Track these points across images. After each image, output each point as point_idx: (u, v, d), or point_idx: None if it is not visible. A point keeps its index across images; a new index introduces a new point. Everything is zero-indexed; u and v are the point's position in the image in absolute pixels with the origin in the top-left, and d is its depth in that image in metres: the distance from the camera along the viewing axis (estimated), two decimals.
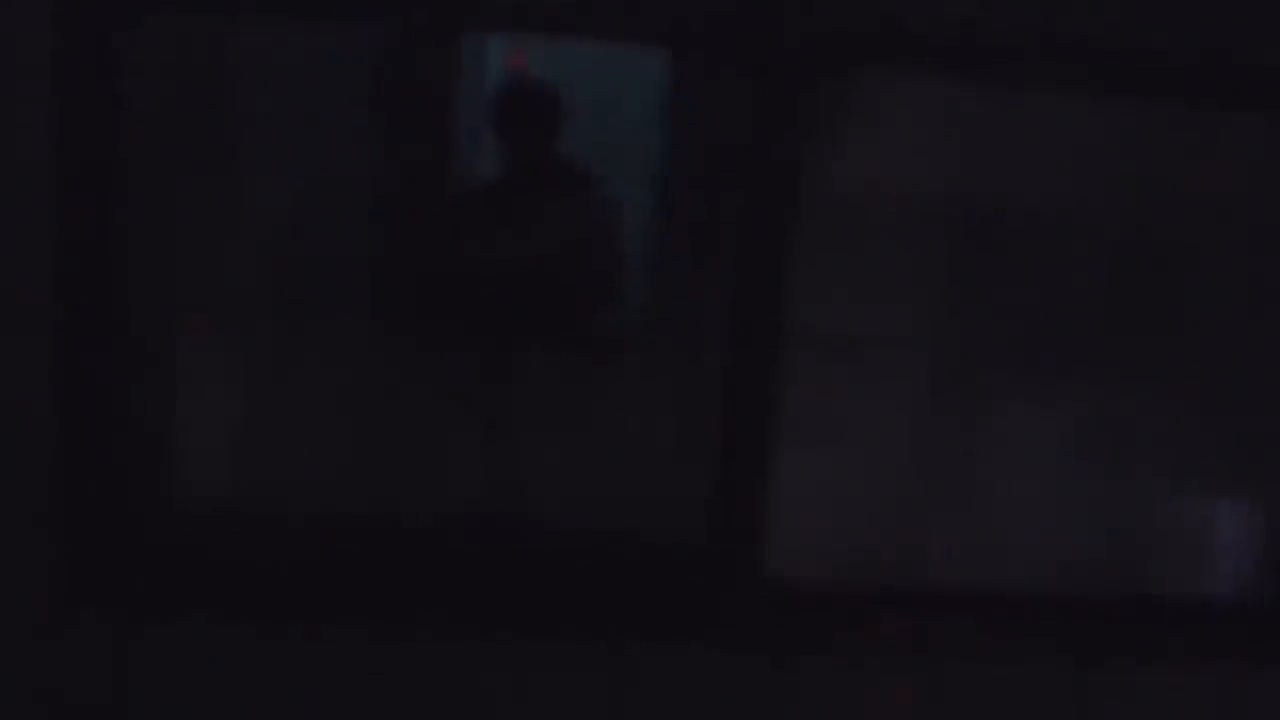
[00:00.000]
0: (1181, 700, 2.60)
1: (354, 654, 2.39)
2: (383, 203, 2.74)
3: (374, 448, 2.62)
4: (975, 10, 2.28)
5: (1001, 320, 2.67)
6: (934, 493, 2.70)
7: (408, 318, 2.78)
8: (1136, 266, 2.69)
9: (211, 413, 2.53)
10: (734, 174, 2.36)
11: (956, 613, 2.60)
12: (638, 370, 2.75)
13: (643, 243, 3.08)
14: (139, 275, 2.29)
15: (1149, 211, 2.68)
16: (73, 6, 2.13)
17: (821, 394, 2.56)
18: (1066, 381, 2.72)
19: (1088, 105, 2.51)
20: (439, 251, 2.89)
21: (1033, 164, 2.62)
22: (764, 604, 2.49)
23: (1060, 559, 2.71)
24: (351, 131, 2.68)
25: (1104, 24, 2.30)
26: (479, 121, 3.32)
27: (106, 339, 2.27)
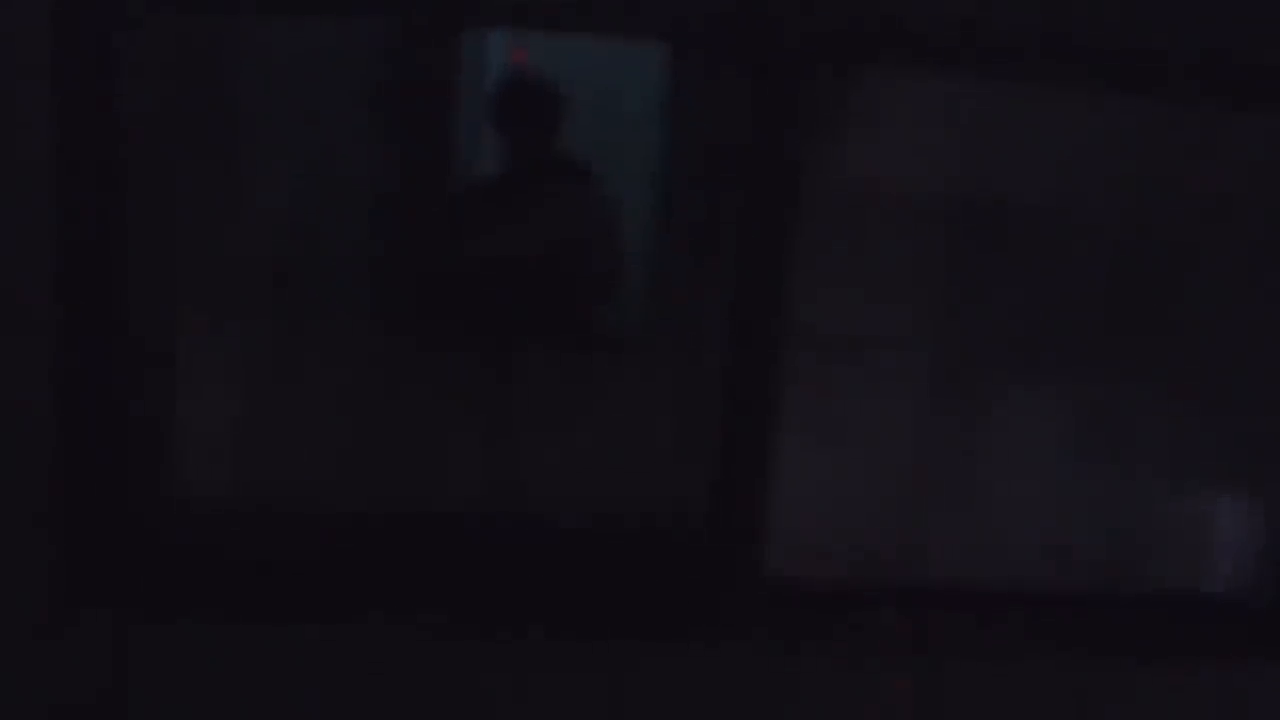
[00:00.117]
0: (1181, 699, 2.61)
1: (354, 653, 2.39)
2: (383, 200, 2.75)
3: (374, 447, 2.62)
4: (975, 10, 2.28)
5: (1002, 320, 2.67)
6: (934, 491, 2.70)
7: (408, 316, 2.78)
8: (1136, 266, 2.68)
9: (212, 412, 2.53)
10: (734, 173, 2.36)
11: (956, 611, 2.60)
12: (638, 369, 2.75)
13: (643, 241, 3.08)
14: (139, 275, 2.29)
15: (1149, 211, 2.67)
16: (73, 6, 2.13)
17: (821, 394, 2.57)
18: (1067, 380, 2.72)
19: (1088, 104, 2.51)
20: (439, 248, 2.89)
21: (1033, 163, 2.61)
22: (764, 603, 2.49)
23: (1060, 558, 2.71)
24: (351, 129, 2.68)
25: (1104, 24, 2.30)
26: (479, 117, 3.32)
27: (106, 339, 2.26)
